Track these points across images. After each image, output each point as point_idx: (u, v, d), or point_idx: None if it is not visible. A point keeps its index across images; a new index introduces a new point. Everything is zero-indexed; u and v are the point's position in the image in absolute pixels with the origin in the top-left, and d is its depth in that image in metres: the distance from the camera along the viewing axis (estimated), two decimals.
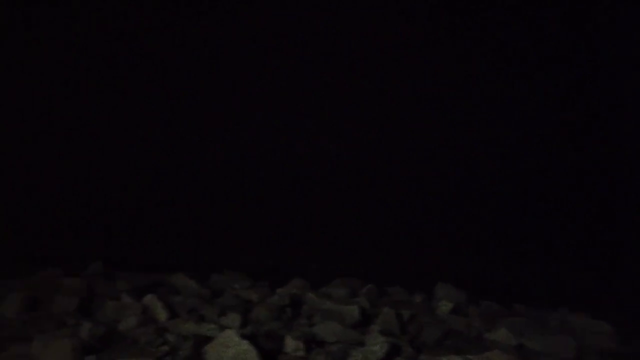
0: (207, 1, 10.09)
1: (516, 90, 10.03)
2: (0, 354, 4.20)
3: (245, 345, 4.30)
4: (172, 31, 10.08)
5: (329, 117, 10.20)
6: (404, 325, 5.40)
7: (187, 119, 10.35)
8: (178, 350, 4.34)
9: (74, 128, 10.03)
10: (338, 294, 6.20)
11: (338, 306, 5.57)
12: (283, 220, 9.26)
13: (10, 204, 9.06)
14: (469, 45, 9.93)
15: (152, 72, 10.04)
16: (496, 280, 7.93)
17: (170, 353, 4.30)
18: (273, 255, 8.07)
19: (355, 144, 10.16)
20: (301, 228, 9.01)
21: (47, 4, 9.63)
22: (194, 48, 10.15)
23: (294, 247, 8.30)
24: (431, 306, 6.08)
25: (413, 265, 7.65)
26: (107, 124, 10.15)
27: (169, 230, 9.03)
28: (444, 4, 9.87)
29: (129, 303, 5.11)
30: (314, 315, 5.57)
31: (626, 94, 9.69)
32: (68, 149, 9.91)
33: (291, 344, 4.67)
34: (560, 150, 10.01)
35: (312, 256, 7.94)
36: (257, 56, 10.10)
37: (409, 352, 4.67)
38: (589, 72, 9.72)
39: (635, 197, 9.72)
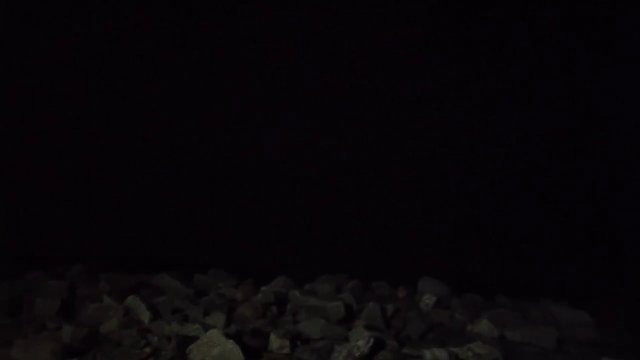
0: (207, 1, 10.03)
1: (516, 90, 10.14)
2: None
3: (229, 344, 4.29)
4: (172, 31, 9.98)
5: (321, 117, 10.21)
6: (388, 319, 5.45)
7: (174, 116, 10.28)
8: (161, 351, 4.32)
9: (64, 128, 9.92)
10: (323, 291, 6.23)
11: (323, 302, 5.60)
12: (267, 217, 9.25)
13: None
14: (469, 46, 10.02)
15: (152, 71, 9.96)
16: (479, 272, 8.03)
17: (153, 354, 4.28)
18: (257, 253, 8.07)
19: (342, 141, 10.19)
20: (285, 225, 9.01)
21: (46, 3, 9.50)
22: (194, 48, 10.07)
23: (278, 245, 8.30)
24: (415, 300, 6.14)
25: (397, 259, 7.71)
26: (96, 123, 10.04)
27: (153, 230, 8.96)
28: (444, 4, 9.93)
29: (111, 305, 5.06)
30: (298, 312, 5.58)
31: (626, 93, 9.82)
32: (51, 148, 9.77)
33: (276, 341, 4.68)
34: (544, 145, 10.16)
35: (297, 253, 7.95)
36: (257, 56, 10.06)
37: (393, 346, 4.71)
38: (589, 72, 9.83)
39: (614, 190, 9.91)
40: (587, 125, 9.89)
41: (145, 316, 4.95)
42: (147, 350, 4.28)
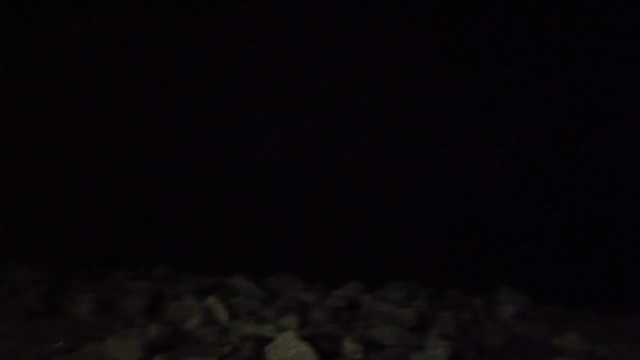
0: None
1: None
2: (73, 352, 4.48)
3: (304, 346, 4.34)
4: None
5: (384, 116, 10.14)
6: (464, 329, 5.27)
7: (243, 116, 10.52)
8: (240, 350, 4.46)
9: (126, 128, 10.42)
10: (395, 297, 6.15)
11: (395, 309, 5.52)
12: (336, 221, 9.29)
13: (81, 209, 9.62)
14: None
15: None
16: (562, 283, 7.56)
17: (232, 353, 4.42)
18: (327, 257, 8.12)
19: (404, 140, 10.05)
20: (355, 230, 8.99)
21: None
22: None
23: (349, 249, 8.30)
24: (493, 310, 5.89)
25: (472, 268, 7.44)
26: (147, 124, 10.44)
27: (226, 234, 9.28)
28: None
29: (193, 304, 5.30)
30: (370, 317, 5.55)
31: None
32: (133, 151, 10.34)
33: (349, 346, 4.67)
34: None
35: (367, 258, 7.92)
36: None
37: (471, 357, 4.55)
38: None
39: None
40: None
41: (223, 316, 5.14)
42: (227, 348, 4.43)
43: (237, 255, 8.34)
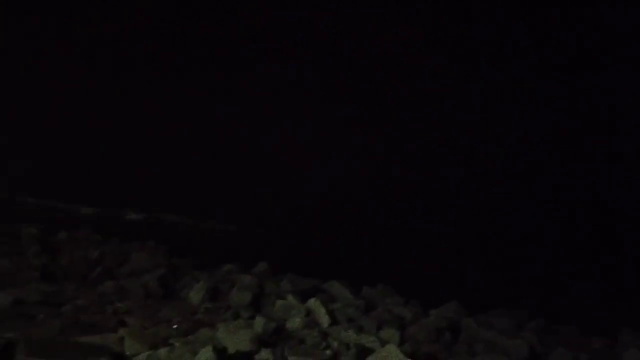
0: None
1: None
2: (188, 334, 4.77)
3: None
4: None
5: None
6: None
7: None
8: (341, 357, 4.45)
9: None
10: (501, 325, 5.78)
11: (502, 338, 5.20)
12: (444, 238, 9.06)
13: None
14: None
15: None
16: None
17: (333, 358, 4.43)
18: (427, 274, 7.87)
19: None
20: (462, 247, 8.68)
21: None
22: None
23: (452, 268, 7.99)
24: (615, 354, 5.31)
25: (590, 303, 6.76)
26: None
27: (324, 240, 9.39)
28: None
29: (295, 304, 5.41)
30: (474, 344, 5.27)
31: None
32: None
33: None
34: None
35: (470, 279, 7.56)
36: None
37: None
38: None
39: None
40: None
41: (324, 320, 5.18)
42: (328, 352, 4.45)
43: (332, 260, 8.40)
